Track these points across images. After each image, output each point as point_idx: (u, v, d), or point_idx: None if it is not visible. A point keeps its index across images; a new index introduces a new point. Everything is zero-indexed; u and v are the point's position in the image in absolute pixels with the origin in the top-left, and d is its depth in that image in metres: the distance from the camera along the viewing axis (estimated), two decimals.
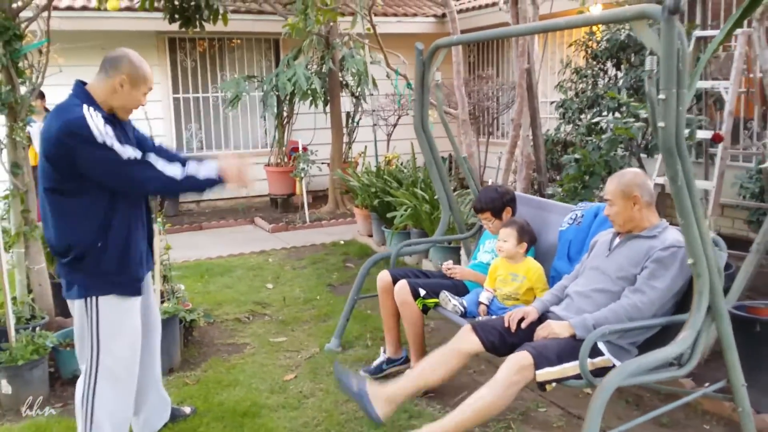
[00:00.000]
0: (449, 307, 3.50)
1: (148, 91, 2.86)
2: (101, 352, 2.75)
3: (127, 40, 8.58)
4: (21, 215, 4.16)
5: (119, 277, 2.76)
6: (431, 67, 4.11)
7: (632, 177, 2.94)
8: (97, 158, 2.61)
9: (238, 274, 6.22)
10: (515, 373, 2.66)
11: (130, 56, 2.80)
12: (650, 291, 2.78)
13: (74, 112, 2.63)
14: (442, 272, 3.87)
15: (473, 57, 10.72)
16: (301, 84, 8.01)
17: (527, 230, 3.50)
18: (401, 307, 3.66)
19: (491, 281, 3.53)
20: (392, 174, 7.15)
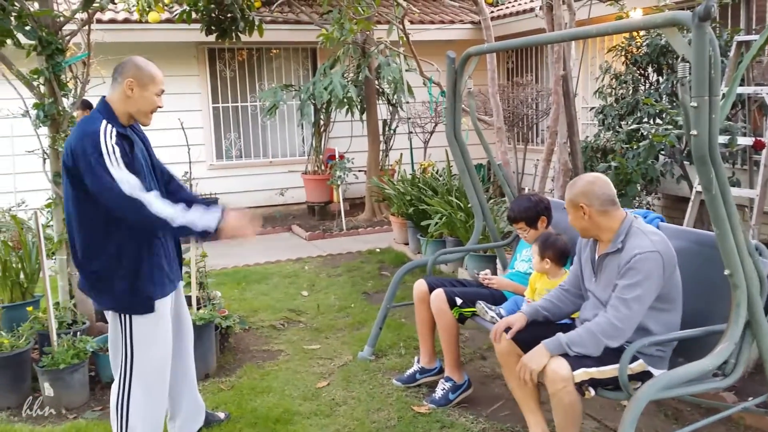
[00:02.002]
0: (487, 317, 3.46)
1: (161, 93, 2.89)
2: (134, 359, 2.82)
3: (168, 51, 8.79)
4: (63, 223, 4.27)
5: (132, 298, 2.78)
6: (463, 75, 4.10)
7: (581, 185, 2.84)
8: (99, 179, 2.64)
9: (274, 282, 6.28)
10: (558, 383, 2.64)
11: (134, 60, 2.85)
12: (623, 306, 2.68)
13: (92, 125, 2.70)
14: (479, 281, 3.83)
15: (511, 63, 10.65)
16: (338, 92, 8.07)
17: (550, 244, 3.39)
18: (437, 315, 3.64)
19: (531, 293, 3.48)
20: (427, 182, 7.14)
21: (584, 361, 2.66)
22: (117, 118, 2.79)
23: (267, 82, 9.97)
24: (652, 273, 2.67)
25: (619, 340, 2.70)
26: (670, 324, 2.79)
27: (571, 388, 2.62)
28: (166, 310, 2.92)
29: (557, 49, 5.45)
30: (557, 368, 2.64)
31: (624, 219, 2.83)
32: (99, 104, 2.83)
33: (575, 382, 2.62)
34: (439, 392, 3.62)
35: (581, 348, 2.68)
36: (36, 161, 4.48)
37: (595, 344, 2.68)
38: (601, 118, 6.48)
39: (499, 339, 2.98)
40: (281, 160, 10.09)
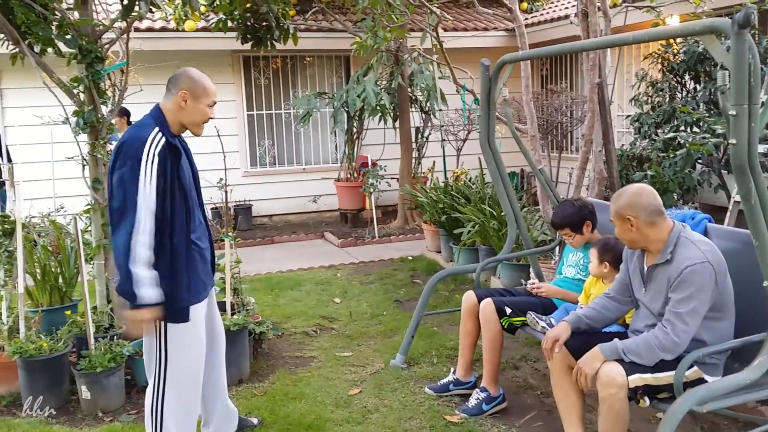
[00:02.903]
0: (538, 327, 3.42)
1: (213, 104, 2.94)
2: (168, 364, 2.85)
3: (204, 59, 8.92)
4: (101, 229, 4.36)
5: (168, 306, 2.80)
6: (497, 82, 4.08)
7: (627, 197, 2.80)
8: (122, 182, 2.69)
9: (306, 288, 6.31)
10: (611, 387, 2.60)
11: (188, 72, 2.90)
12: (679, 321, 2.64)
13: (144, 131, 2.77)
14: (528, 290, 3.79)
15: (546, 70, 10.58)
16: (371, 100, 8.09)
17: (610, 248, 3.33)
18: (484, 325, 3.60)
19: (585, 298, 3.43)
20: (460, 190, 7.11)
21: (639, 367, 2.64)
22: (168, 126, 2.85)
23: (301, 89, 10.06)
24: (705, 284, 2.63)
25: (676, 353, 2.67)
26: (723, 332, 2.74)
27: (623, 395, 2.59)
28: (201, 316, 2.95)
29: (592, 57, 5.39)
30: (612, 372, 2.61)
31: (672, 229, 2.78)
32: (153, 110, 2.89)
33: (630, 388, 2.59)
34: (473, 401, 3.59)
35: (636, 357, 2.66)
36: (74, 167, 4.57)
37: (651, 356, 2.66)
38: (637, 126, 6.39)
39: (551, 356, 2.94)
40: (314, 167, 10.16)
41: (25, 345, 3.80)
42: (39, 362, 3.79)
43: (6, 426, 3.63)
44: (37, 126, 7.13)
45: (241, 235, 7.53)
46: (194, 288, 2.88)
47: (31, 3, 4.12)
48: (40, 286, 4.64)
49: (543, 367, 4.13)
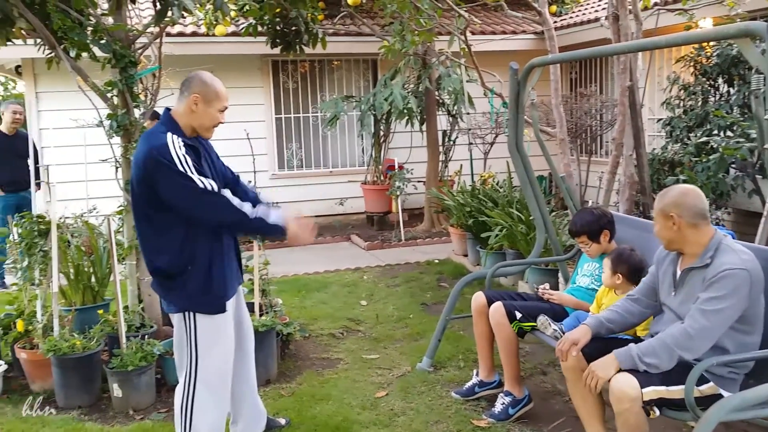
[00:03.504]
0: (548, 332, 3.40)
1: (224, 109, 2.97)
2: (199, 362, 2.89)
3: (234, 63, 9.02)
4: (133, 230, 4.42)
5: (204, 297, 2.87)
6: (526, 86, 4.06)
7: (674, 195, 2.76)
8: (177, 186, 2.74)
9: (333, 290, 6.34)
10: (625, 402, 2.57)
11: (201, 76, 2.93)
12: (701, 317, 2.59)
13: (158, 139, 2.79)
14: (539, 295, 3.77)
15: (575, 73, 10.50)
16: (398, 103, 8.11)
17: (624, 259, 3.30)
18: (496, 329, 3.59)
19: (597, 308, 3.39)
20: (487, 193, 7.09)
21: (653, 379, 2.59)
22: (181, 130, 2.88)
23: (328, 93, 10.11)
24: (739, 290, 2.57)
25: (693, 352, 2.61)
26: (748, 347, 2.67)
27: (638, 408, 2.55)
28: (230, 313, 3.00)
29: (623, 60, 5.35)
30: (625, 386, 2.56)
31: (713, 236, 2.73)
32: (163, 117, 2.93)
33: (643, 401, 2.55)
34: (499, 406, 3.58)
35: (653, 358, 2.60)
36: (107, 169, 4.65)
37: (668, 355, 2.60)
38: (668, 130, 6.31)
39: (566, 357, 2.91)
40: (341, 170, 10.20)
41: (59, 343, 3.88)
42: (72, 360, 3.87)
43: (40, 422, 3.71)
44: (70, 129, 7.27)
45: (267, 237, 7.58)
46: (226, 283, 2.94)
47: (67, 9, 4.21)
48: (74, 285, 4.73)
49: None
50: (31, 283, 4.36)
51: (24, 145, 6.88)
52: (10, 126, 6.79)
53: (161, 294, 2.96)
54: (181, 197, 2.76)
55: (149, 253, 2.90)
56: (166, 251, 2.84)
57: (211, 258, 2.87)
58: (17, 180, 6.74)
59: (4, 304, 4.59)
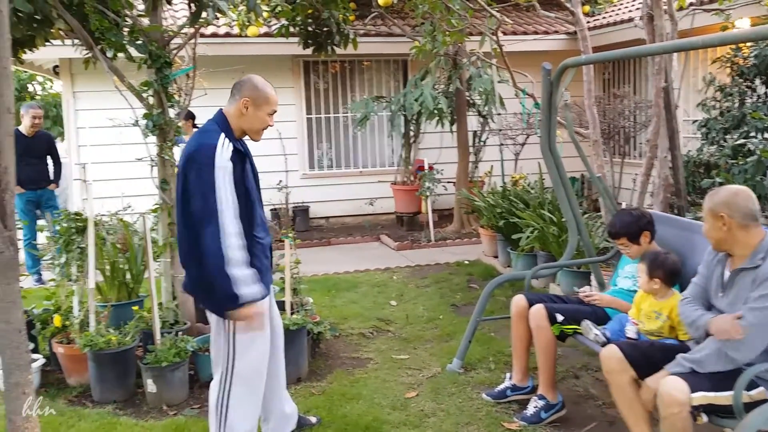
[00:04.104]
0: (590, 336, 3.36)
1: (273, 113, 3.00)
2: (236, 359, 2.92)
3: (266, 63, 9.09)
4: (168, 227, 4.49)
5: None
6: (559, 87, 4.03)
7: (725, 195, 2.71)
8: (200, 187, 2.76)
9: (363, 290, 6.36)
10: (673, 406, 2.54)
11: (252, 80, 2.97)
12: (751, 315, 2.55)
13: (211, 138, 2.83)
14: (580, 298, 3.73)
15: (608, 74, 10.38)
16: (428, 104, 8.10)
17: (660, 263, 3.22)
18: (536, 332, 3.56)
19: (636, 312, 3.32)
20: (519, 195, 7.04)
21: (703, 384, 2.56)
22: (232, 131, 2.93)
23: (359, 93, 10.14)
24: None
25: (744, 352, 2.57)
26: None
27: (686, 413, 2.52)
28: (265, 313, 3.02)
29: (658, 60, 5.27)
30: (674, 390, 2.53)
31: (764, 237, 2.69)
32: (217, 116, 2.97)
33: (692, 405, 2.52)
34: (531, 410, 3.55)
35: (702, 360, 2.58)
36: (141, 168, 4.72)
37: (717, 355, 2.58)
38: (704, 132, 6.20)
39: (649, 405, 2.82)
40: (371, 170, 10.22)
41: (95, 338, 3.95)
42: (108, 355, 3.93)
43: (76, 415, 3.78)
44: (106, 128, 7.41)
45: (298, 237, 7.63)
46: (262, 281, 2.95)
47: (104, 10, 4.28)
48: (109, 281, 4.81)
49: (605, 377, 4.03)
50: (68, 279, 4.44)
51: (42, 145, 7.22)
52: (29, 128, 7.03)
53: (198, 291, 2.99)
54: (196, 197, 2.77)
55: (186, 252, 2.91)
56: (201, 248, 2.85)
57: (252, 254, 2.90)
58: (35, 179, 7.10)
59: (42, 299, 4.68)
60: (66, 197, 9.88)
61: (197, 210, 2.76)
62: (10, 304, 1.93)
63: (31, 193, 7.03)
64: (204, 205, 2.74)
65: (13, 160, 1.94)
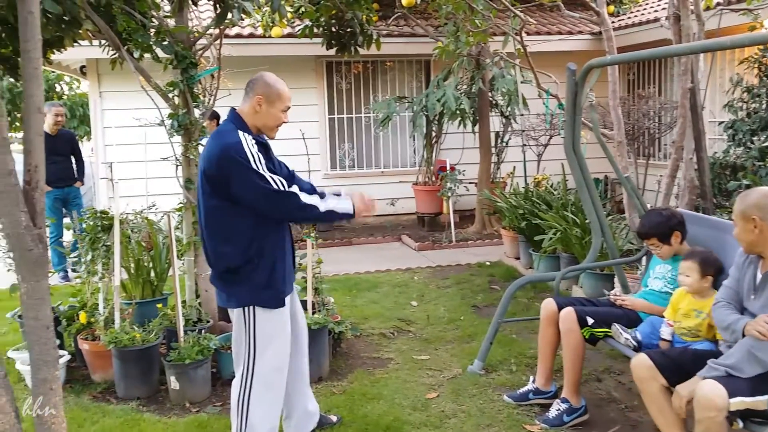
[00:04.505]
0: (621, 339, 3.33)
1: (287, 109, 3.03)
2: (257, 358, 2.95)
3: (289, 64, 9.13)
4: (192, 226, 4.53)
5: (266, 292, 2.94)
6: (584, 87, 4.00)
7: (756, 197, 2.69)
8: (251, 183, 2.80)
9: (384, 290, 6.36)
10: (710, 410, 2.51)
11: (264, 77, 3.00)
12: None
13: (231, 136, 2.87)
14: (611, 301, 3.69)
15: (633, 75, 10.28)
16: (450, 104, 8.08)
17: (712, 261, 3.17)
18: (565, 335, 3.53)
19: (672, 313, 3.27)
20: (541, 196, 7.00)
21: (741, 390, 2.53)
22: (248, 129, 2.95)
23: (381, 93, 10.15)
24: None
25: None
26: None
27: (722, 418, 2.49)
28: (287, 310, 3.06)
29: (684, 61, 5.20)
30: (712, 394, 2.51)
31: None
32: (230, 115, 3.00)
33: (729, 411, 2.50)
34: (554, 412, 3.53)
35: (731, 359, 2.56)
36: (166, 167, 4.77)
37: (746, 358, 2.55)
38: (731, 134, 6.12)
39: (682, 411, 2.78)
40: (392, 170, 10.23)
41: (120, 335, 4.00)
42: (132, 352, 3.98)
43: (101, 411, 3.83)
44: (131, 127, 7.50)
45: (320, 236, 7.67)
46: (286, 279, 3.01)
47: (131, 11, 4.34)
48: (134, 279, 4.87)
49: (627, 380, 4.01)
50: (93, 276, 4.50)
51: (66, 144, 7.37)
52: (52, 127, 7.13)
53: (222, 288, 3.01)
54: (254, 195, 2.82)
55: (217, 246, 2.94)
56: (235, 244, 2.90)
57: (276, 252, 2.95)
58: (63, 177, 7.26)
59: (68, 296, 4.76)
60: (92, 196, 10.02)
61: (262, 199, 2.83)
62: (39, 301, 1.96)
63: (58, 191, 7.17)
64: (267, 191, 2.81)
65: (42, 159, 1.98)
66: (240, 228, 2.88)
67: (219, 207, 2.89)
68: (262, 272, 2.91)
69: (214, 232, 2.93)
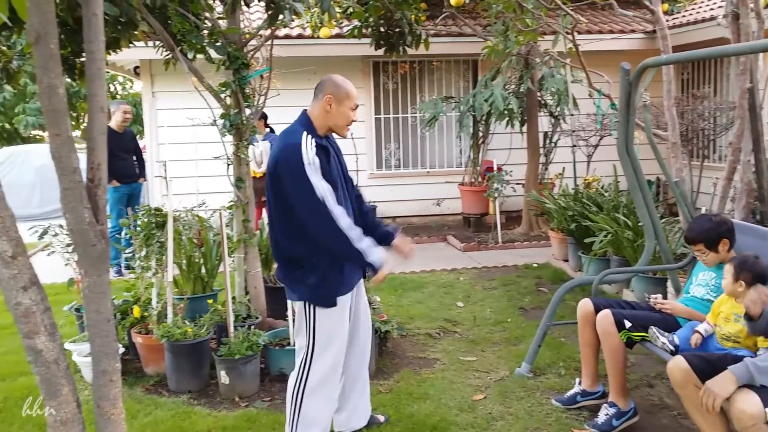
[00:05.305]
0: (658, 343, 3.26)
1: (356, 107, 3.11)
2: (315, 353, 3.03)
3: (336, 64, 9.20)
4: (242, 224, 4.61)
5: (318, 292, 3.00)
6: (638, 87, 3.92)
7: None
8: (295, 184, 2.87)
9: (429, 291, 6.35)
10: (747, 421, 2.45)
11: (333, 78, 3.10)
12: None
13: (294, 137, 2.95)
14: (651, 305, 3.62)
15: (687, 74, 10.03)
16: (498, 104, 8.01)
17: (749, 267, 3.06)
18: (603, 338, 3.48)
19: (713, 316, 3.20)
20: (591, 197, 6.88)
21: None
22: (316, 130, 3.03)
23: (428, 93, 10.14)
24: None
25: None
26: None
27: (761, 426, 2.42)
28: (347, 308, 3.11)
29: (743, 60, 5.05)
30: (745, 405, 2.45)
31: None
32: (300, 117, 3.09)
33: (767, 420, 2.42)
34: (602, 417, 3.47)
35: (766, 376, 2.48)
36: (215, 166, 4.86)
37: None
38: None
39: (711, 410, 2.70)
40: (438, 170, 10.20)
41: (172, 330, 4.09)
42: (184, 346, 4.06)
43: (153, 403, 3.92)
44: (183, 127, 7.66)
45: None
46: (343, 279, 3.05)
47: (185, 13, 4.43)
48: (185, 275, 4.97)
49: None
50: (147, 271, 4.61)
51: (132, 141, 7.57)
52: (120, 124, 7.33)
53: (286, 282, 3.11)
54: (297, 197, 2.89)
55: (286, 241, 3.02)
56: (304, 240, 2.96)
57: (326, 258, 2.99)
58: (129, 173, 7.49)
59: (122, 291, 4.88)
60: (145, 193, 10.25)
61: (303, 205, 2.88)
62: (100, 295, 2.02)
63: (125, 187, 7.41)
64: (309, 199, 2.85)
65: (105, 157, 2.03)
66: (299, 225, 2.94)
67: (281, 204, 2.97)
68: (318, 272, 2.97)
69: (285, 227, 3.01)
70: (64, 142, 1.93)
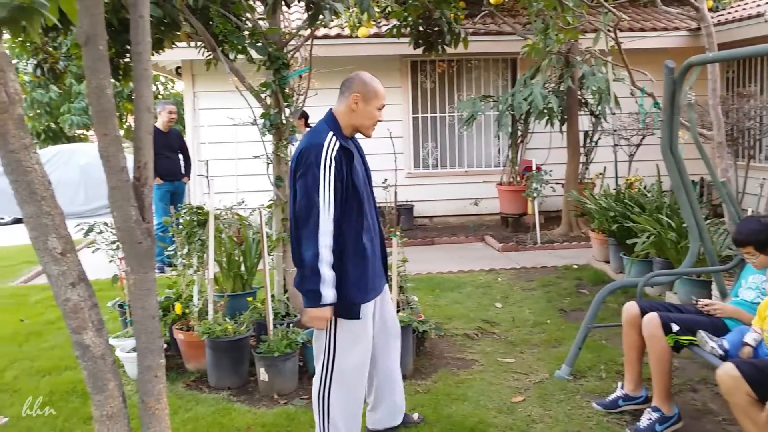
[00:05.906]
0: (707, 348, 3.19)
1: (382, 107, 3.04)
2: (336, 358, 2.98)
3: (374, 63, 9.21)
4: (281, 223, 4.64)
5: (339, 303, 2.90)
6: (683, 86, 3.83)
7: None
8: (305, 183, 2.84)
9: (467, 291, 6.31)
10: None
11: (360, 75, 3.02)
12: None
13: (319, 137, 2.91)
14: (699, 308, 3.53)
15: (732, 72, 9.79)
16: (538, 103, 7.92)
17: None
18: (649, 341, 3.41)
19: (760, 320, 3.11)
20: (634, 198, 6.76)
21: None
22: (341, 130, 2.99)
23: (466, 92, 10.08)
24: None
25: None
26: None
27: None
28: (369, 315, 3.06)
29: None
30: None
31: None
32: (326, 116, 3.04)
33: None
34: (645, 422, 3.40)
35: None
36: (255, 165, 4.90)
37: None
38: None
39: None
40: (476, 170, 10.14)
41: (213, 327, 4.14)
42: (224, 343, 4.12)
43: (194, 399, 3.98)
44: (223, 126, 7.76)
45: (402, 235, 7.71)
46: (363, 287, 2.97)
47: (227, 14, 4.48)
48: (225, 273, 5.03)
49: None
50: (188, 269, 4.68)
51: (176, 140, 7.74)
52: (166, 123, 7.47)
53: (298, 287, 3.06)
54: (301, 194, 2.86)
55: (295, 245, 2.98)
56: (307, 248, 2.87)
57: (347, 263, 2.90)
58: (174, 172, 7.65)
59: (164, 287, 4.96)
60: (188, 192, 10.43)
61: (301, 206, 2.86)
62: (146, 292, 2.06)
63: (169, 185, 7.57)
64: (307, 202, 2.82)
65: (151, 156, 2.07)
66: None
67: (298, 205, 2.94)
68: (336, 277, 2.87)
69: (294, 231, 2.98)
70: (112, 142, 1.97)
